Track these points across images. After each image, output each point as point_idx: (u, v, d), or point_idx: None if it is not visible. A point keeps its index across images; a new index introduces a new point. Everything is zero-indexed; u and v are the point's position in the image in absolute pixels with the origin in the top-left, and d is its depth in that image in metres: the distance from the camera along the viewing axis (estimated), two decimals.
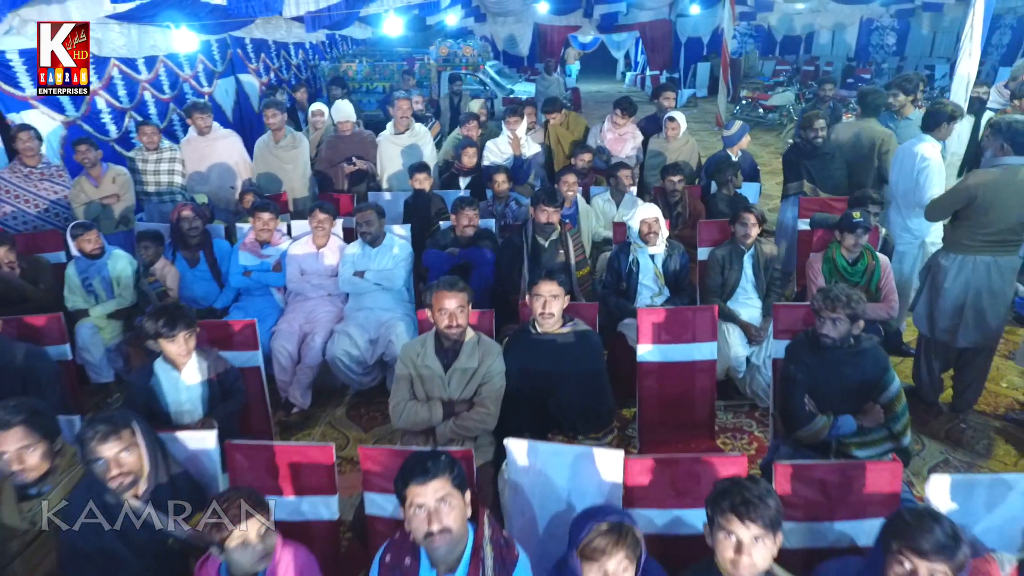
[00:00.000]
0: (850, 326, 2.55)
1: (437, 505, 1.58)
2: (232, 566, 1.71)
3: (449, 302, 2.56)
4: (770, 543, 1.53)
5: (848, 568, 1.63)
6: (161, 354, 2.58)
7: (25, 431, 1.96)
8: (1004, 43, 13.87)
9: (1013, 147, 3.08)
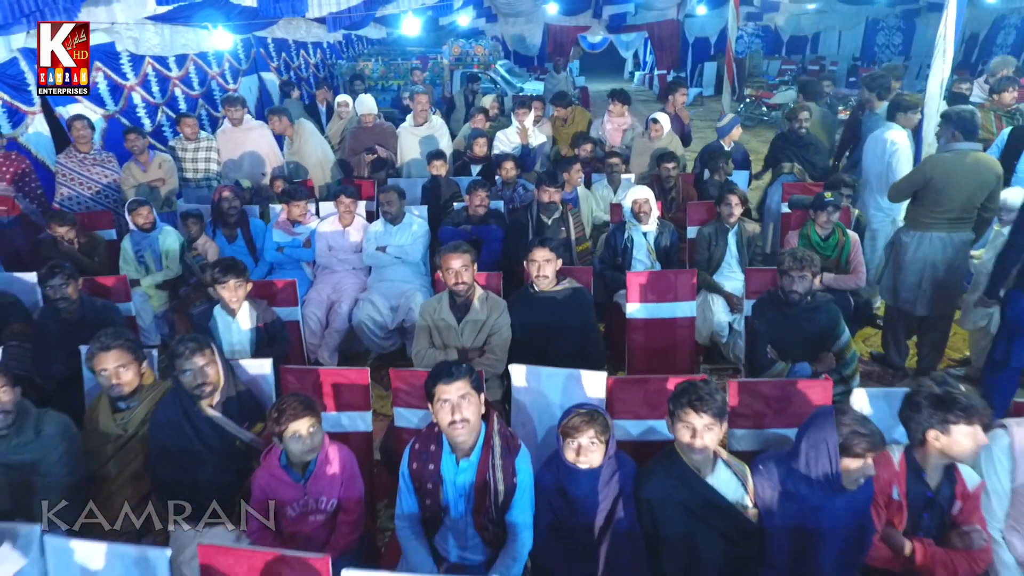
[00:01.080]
0: (811, 283, 3.00)
1: (459, 400, 2.04)
2: (289, 455, 2.17)
3: (455, 262, 3.03)
4: (717, 430, 1.98)
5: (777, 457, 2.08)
6: (220, 301, 3.07)
7: (121, 352, 2.45)
8: (1008, 43, 14.12)
9: (963, 134, 3.51)
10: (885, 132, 4.20)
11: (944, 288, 3.71)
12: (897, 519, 2.03)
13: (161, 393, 2.54)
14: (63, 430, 2.40)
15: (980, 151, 3.52)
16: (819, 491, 1.93)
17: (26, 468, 2.31)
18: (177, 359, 2.32)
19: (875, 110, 4.87)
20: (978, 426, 1.85)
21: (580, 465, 2.00)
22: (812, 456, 1.90)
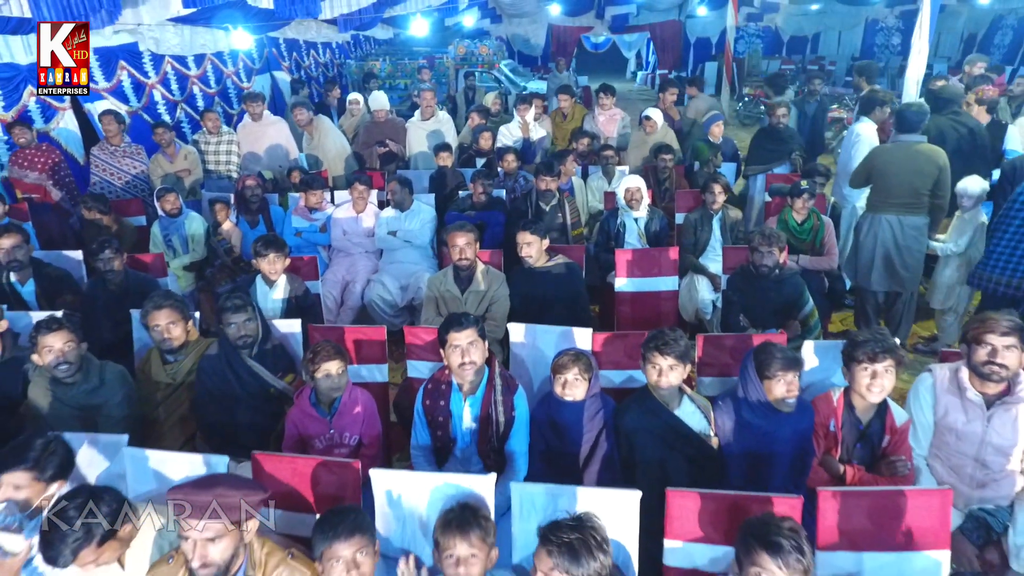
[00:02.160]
0: (777, 258, 3.38)
1: (468, 346, 2.42)
2: (318, 392, 2.56)
3: (460, 239, 3.43)
4: (680, 370, 2.37)
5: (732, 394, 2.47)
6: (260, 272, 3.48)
7: (171, 311, 2.85)
8: (1005, 43, 14.51)
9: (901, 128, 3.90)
10: (855, 125, 4.59)
11: (896, 267, 4.07)
12: (834, 448, 2.41)
13: (204, 348, 2.93)
14: (122, 378, 2.80)
15: (924, 143, 3.89)
16: (765, 418, 2.31)
17: (92, 409, 2.71)
18: (224, 313, 2.73)
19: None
20: (877, 365, 2.23)
21: (566, 397, 2.39)
22: (745, 382, 2.31)
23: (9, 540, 1.90)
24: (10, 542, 1.90)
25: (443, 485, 1.95)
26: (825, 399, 2.45)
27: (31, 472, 1.92)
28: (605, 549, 1.61)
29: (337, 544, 1.71)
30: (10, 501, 1.91)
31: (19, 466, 1.92)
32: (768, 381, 2.28)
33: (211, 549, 1.64)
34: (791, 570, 1.56)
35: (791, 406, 2.28)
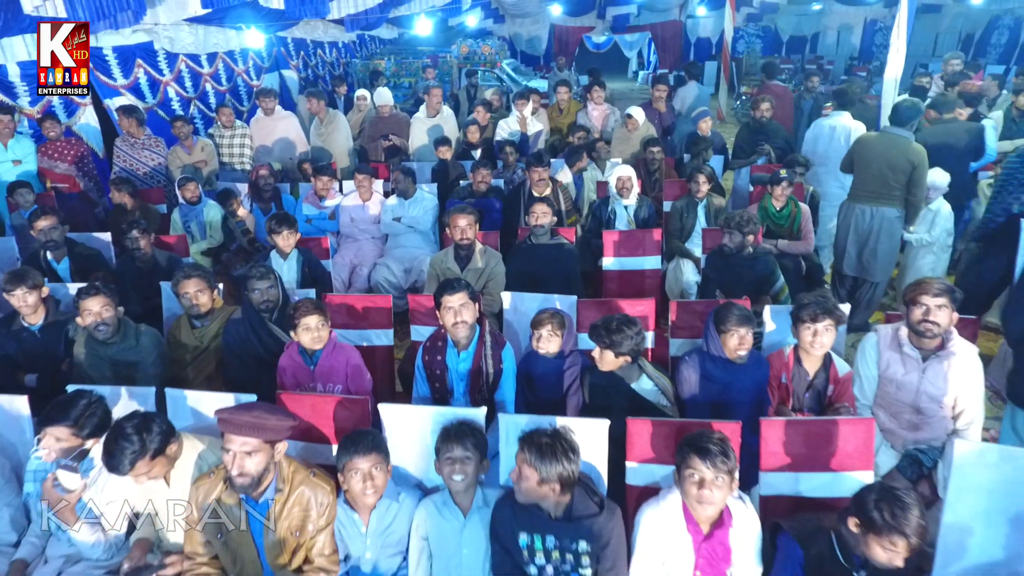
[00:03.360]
0: (743, 239, 3.70)
1: (460, 308, 2.76)
2: (301, 342, 2.86)
3: (461, 221, 3.77)
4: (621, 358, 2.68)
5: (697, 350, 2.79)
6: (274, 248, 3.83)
7: (199, 280, 3.20)
8: (1002, 43, 14.78)
9: (892, 121, 4.22)
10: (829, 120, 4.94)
11: (866, 254, 4.38)
12: (786, 398, 2.74)
13: (227, 314, 3.28)
14: (155, 339, 3.16)
15: (905, 138, 4.15)
16: (724, 370, 2.65)
17: (129, 366, 3.06)
18: (249, 280, 3.08)
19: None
20: (818, 324, 2.56)
21: (540, 351, 2.74)
22: (707, 338, 2.64)
23: (67, 478, 2.24)
24: (68, 480, 2.24)
25: (442, 415, 2.29)
26: (778, 355, 2.78)
27: (71, 428, 2.24)
28: (571, 457, 1.95)
29: (357, 458, 2.06)
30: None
31: (62, 422, 2.24)
32: (724, 335, 2.61)
33: (247, 462, 1.98)
34: (717, 470, 1.89)
35: (743, 358, 2.62)
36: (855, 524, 1.83)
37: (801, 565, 1.95)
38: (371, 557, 2.18)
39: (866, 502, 1.79)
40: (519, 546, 2.04)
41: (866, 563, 1.87)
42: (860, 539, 1.82)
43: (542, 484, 1.92)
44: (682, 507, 2.01)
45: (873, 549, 1.78)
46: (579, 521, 2.00)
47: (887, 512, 1.73)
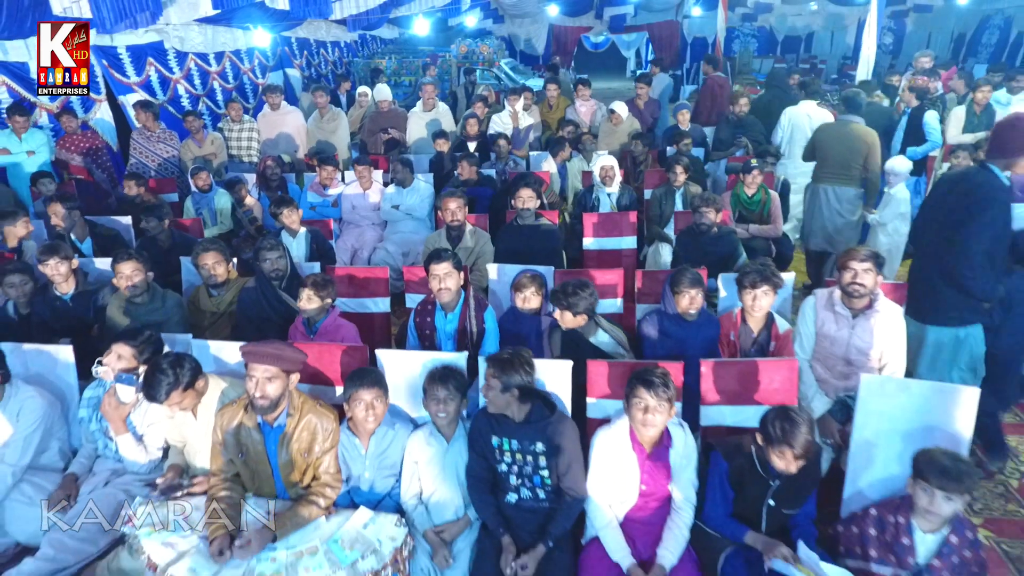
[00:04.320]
0: (714, 218, 4.11)
1: (444, 275, 3.17)
2: (304, 314, 3.27)
3: (451, 204, 4.19)
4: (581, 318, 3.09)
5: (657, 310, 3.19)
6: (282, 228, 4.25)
7: (217, 253, 3.62)
8: (992, 42, 15.16)
9: (847, 108, 4.64)
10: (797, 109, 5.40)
11: (830, 230, 4.82)
12: (734, 352, 3.14)
13: (241, 284, 3.70)
14: (179, 303, 3.58)
15: (860, 123, 4.63)
16: (678, 326, 3.05)
17: (155, 326, 3.44)
18: (261, 251, 3.50)
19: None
20: (758, 290, 2.96)
21: (524, 309, 3.15)
22: (664, 299, 3.05)
23: (124, 391, 2.66)
24: (125, 392, 2.66)
25: (430, 360, 2.70)
26: (727, 317, 3.19)
27: (135, 349, 2.69)
28: (527, 370, 2.38)
29: (361, 390, 2.47)
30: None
31: (129, 341, 2.69)
32: (677, 295, 3.02)
33: (268, 387, 2.39)
34: (659, 398, 2.29)
35: (694, 316, 3.03)
36: (760, 438, 2.24)
37: (726, 475, 2.35)
38: (369, 477, 2.59)
39: (766, 420, 2.20)
40: (492, 447, 2.46)
41: (780, 475, 2.28)
42: (765, 451, 2.23)
43: (505, 391, 2.34)
44: (629, 431, 2.42)
45: (773, 458, 2.19)
46: (536, 424, 2.42)
47: (779, 428, 2.14)
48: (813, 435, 2.16)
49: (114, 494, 2.68)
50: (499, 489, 2.52)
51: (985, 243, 2.84)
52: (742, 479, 2.35)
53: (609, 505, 2.45)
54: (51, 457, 2.85)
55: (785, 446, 2.13)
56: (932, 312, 3.08)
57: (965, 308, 2.99)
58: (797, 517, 2.38)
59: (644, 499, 2.43)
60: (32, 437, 2.73)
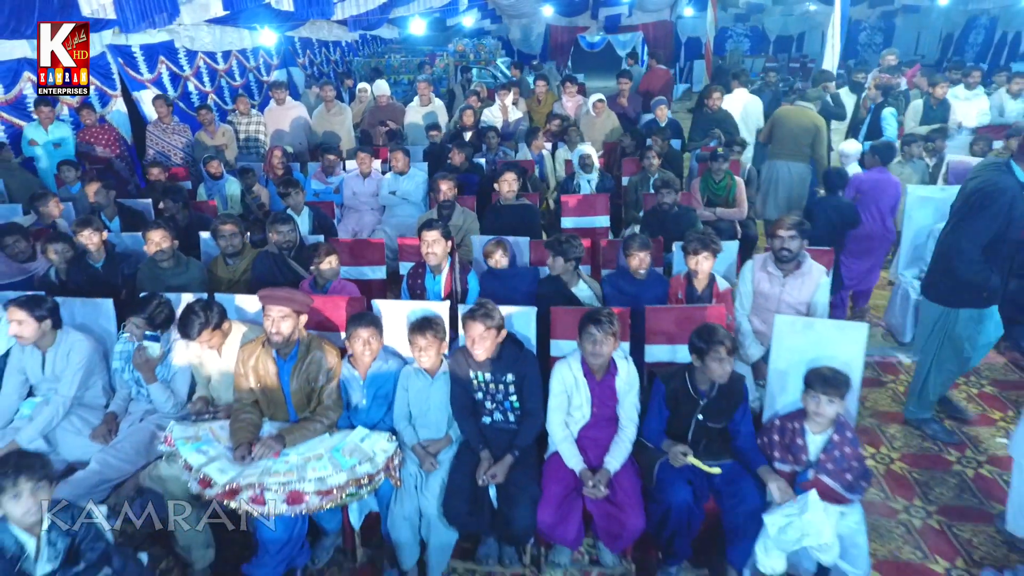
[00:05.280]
0: (676, 197, 4.65)
1: (432, 242, 3.71)
2: (317, 276, 3.81)
3: (443, 185, 4.72)
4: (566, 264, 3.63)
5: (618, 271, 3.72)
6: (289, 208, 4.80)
7: (233, 226, 4.15)
8: (978, 42, 15.67)
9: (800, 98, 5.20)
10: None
11: (782, 202, 5.42)
12: None
13: (254, 255, 4.23)
14: (200, 268, 4.12)
15: (811, 108, 5.24)
16: (631, 284, 3.59)
17: (179, 288, 4.00)
18: (274, 224, 4.04)
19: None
20: (699, 255, 3.49)
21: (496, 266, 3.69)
22: (619, 260, 3.59)
23: (151, 347, 3.18)
24: (151, 348, 3.19)
25: (417, 309, 3.23)
26: (676, 278, 3.73)
27: (146, 319, 3.21)
28: (496, 317, 2.88)
29: (360, 328, 3.00)
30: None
31: (140, 314, 3.22)
32: (628, 257, 3.55)
33: (282, 325, 2.92)
34: (605, 332, 2.81)
35: (643, 276, 3.58)
36: (694, 358, 2.76)
37: (664, 396, 2.88)
38: (365, 404, 3.12)
39: (692, 339, 2.73)
40: (469, 379, 2.98)
41: (707, 393, 2.80)
42: (702, 369, 2.75)
43: (488, 329, 2.86)
44: (582, 361, 2.94)
45: (710, 368, 2.70)
46: (507, 360, 2.95)
47: (703, 336, 2.67)
48: (731, 340, 2.69)
49: (149, 427, 3.21)
50: (477, 413, 3.05)
51: (982, 237, 3.12)
52: (677, 399, 2.87)
53: (565, 424, 2.97)
54: (95, 394, 3.38)
55: (715, 344, 2.65)
56: (930, 288, 3.57)
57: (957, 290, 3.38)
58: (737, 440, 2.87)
59: (595, 418, 2.95)
60: (80, 373, 3.26)
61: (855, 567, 2.62)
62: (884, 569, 2.99)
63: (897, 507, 3.35)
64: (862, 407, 4.15)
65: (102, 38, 7.41)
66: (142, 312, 3.26)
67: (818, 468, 2.64)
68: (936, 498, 3.39)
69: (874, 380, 4.44)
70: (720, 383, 2.77)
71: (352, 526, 3.03)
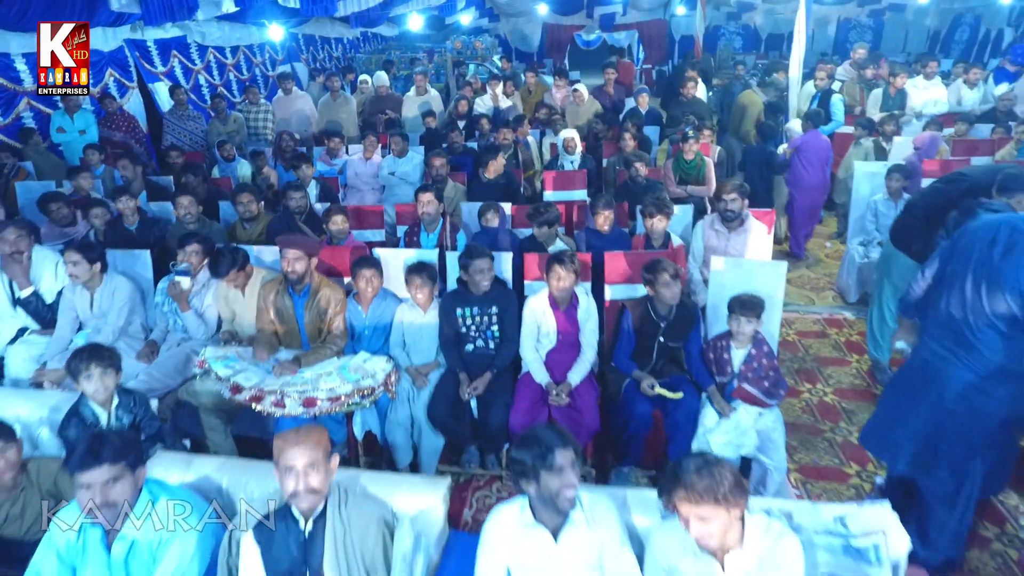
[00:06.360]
0: (644, 171, 5.27)
1: (427, 202, 4.33)
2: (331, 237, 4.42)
3: (436, 161, 5.35)
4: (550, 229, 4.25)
5: (587, 228, 4.33)
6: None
7: (249, 193, 4.78)
8: (964, 39, 16.28)
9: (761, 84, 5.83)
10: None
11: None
12: None
13: (267, 220, 4.85)
14: (221, 229, 4.75)
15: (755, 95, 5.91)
16: (598, 239, 4.20)
17: None
18: (289, 190, 4.67)
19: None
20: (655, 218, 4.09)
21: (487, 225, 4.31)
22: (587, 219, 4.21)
23: (183, 280, 3.80)
24: (184, 281, 3.80)
25: (413, 256, 3.84)
26: (637, 237, 4.34)
27: (200, 245, 3.84)
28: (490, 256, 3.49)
29: (363, 269, 3.61)
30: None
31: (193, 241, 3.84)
32: (595, 215, 4.17)
33: (296, 264, 3.53)
34: (567, 269, 3.41)
35: (607, 231, 4.19)
36: (648, 288, 3.36)
37: (631, 323, 3.47)
38: (368, 334, 3.73)
39: (642, 273, 3.33)
40: (456, 316, 3.59)
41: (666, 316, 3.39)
42: (657, 296, 3.33)
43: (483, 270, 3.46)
44: (549, 295, 3.55)
45: (661, 293, 3.29)
46: (492, 295, 3.56)
47: (650, 268, 3.28)
48: (674, 267, 3.28)
49: (185, 351, 3.83)
50: (461, 343, 3.65)
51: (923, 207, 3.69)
52: (641, 324, 3.45)
53: (535, 348, 3.58)
54: (135, 330, 3.99)
55: (660, 271, 3.25)
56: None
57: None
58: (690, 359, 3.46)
59: (560, 344, 3.55)
60: (124, 309, 3.87)
61: (771, 459, 3.22)
62: (805, 472, 3.60)
63: (824, 428, 3.96)
64: (806, 353, 4.76)
65: (117, 33, 8.05)
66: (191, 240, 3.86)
67: (740, 377, 3.24)
68: (859, 421, 3.99)
69: (820, 332, 5.05)
70: (674, 305, 3.36)
71: (356, 438, 3.63)
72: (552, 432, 2.04)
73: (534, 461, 1.96)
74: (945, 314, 2.71)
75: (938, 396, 2.71)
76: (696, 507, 1.81)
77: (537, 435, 2.03)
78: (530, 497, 2.07)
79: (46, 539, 2.15)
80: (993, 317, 2.51)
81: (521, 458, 1.99)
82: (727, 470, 1.84)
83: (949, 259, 2.72)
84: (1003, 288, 2.45)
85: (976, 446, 2.72)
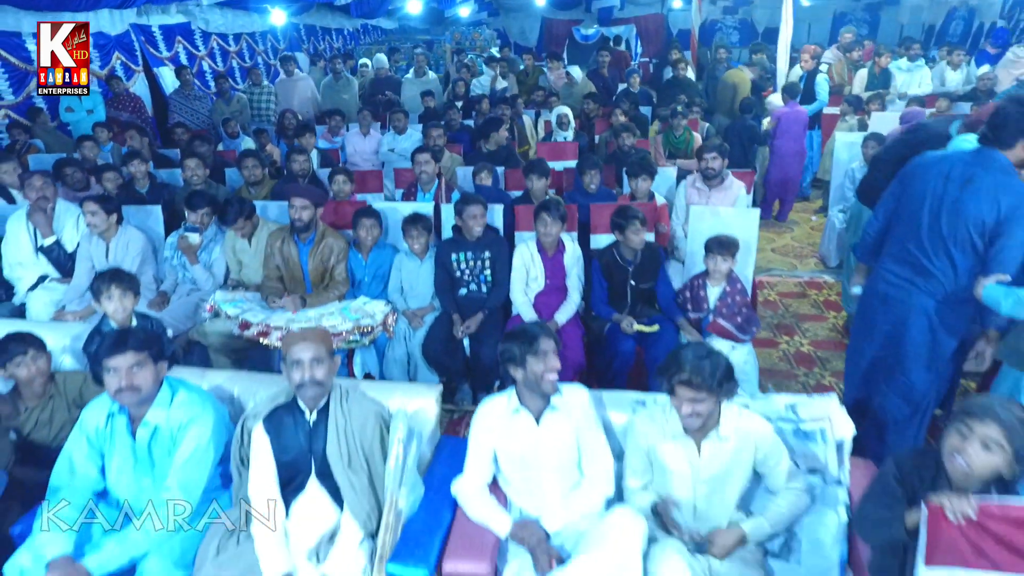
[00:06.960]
0: (633, 141, 5.53)
1: (424, 163, 4.61)
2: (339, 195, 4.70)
3: (433, 132, 5.63)
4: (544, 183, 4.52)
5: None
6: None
7: (255, 159, 5.04)
8: (958, 32, 16.56)
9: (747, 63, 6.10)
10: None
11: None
12: None
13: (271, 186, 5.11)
14: (226, 190, 5.01)
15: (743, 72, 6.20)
16: (585, 197, 4.47)
17: None
18: (293, 154, 4.96)
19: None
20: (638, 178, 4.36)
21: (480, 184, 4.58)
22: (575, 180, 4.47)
23: (192, 236, 4.06)
24: (192, 237, 4.06)
25: (409, 210, 4.10)
26: (623, 197, 4.61)
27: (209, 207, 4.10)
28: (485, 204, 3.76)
29: (364, 219, 3.88)
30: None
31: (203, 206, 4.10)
32: (582, 175, 4.44)
33: (303, 212, 3.79)
34: (553, 217, 3.67)
35: (594, 190, 4.46)
36: (616, 234, 3.62)
37: (600, 270, 3.73)
38: (368, 280, 3.99)
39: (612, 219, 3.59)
40: (451, 261, 3.85)
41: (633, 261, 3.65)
42: (624, 242, 3.60)
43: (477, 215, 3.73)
44: (537, 241, 3.81)
45: (629, 239, 3.55)
46: (485, 241, 3.82)
47: (621, 214, 3.54)
48: (643, 216, 3.54)
49: (194, 299, 4.09)
50: (455, 287, 3.91)
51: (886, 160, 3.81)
52: (611, 271, 3.72)
53: (524, 292, 3.84)
54: (147, 280, 4.23)
55: (631, 219, 3.50)
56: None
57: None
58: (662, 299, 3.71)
59: (547, 287, 3.82)
60: (137, 259, 4.13)
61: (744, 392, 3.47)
62: None
63: (798, 373, 4.22)
64: (786, 311, 5.02)
65: (123, 16, 8.32)
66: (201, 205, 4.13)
67: (715, 312, 3.50)
68: (832, 368, 4.24)
69: (800, 294, 5.31)
70: (640, 250, 3.62)
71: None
72: (537, 326, 2.30)
73: (521, 347, 2.22)
74: (902, 248, 2.94)
75: (900, 323, 2.92)
76: (693, 391, 2.05)
77: (525, 328, 2.29)
78: (517, 384, 2.32)
79: (77, 426, 2.40)
80: (951, 246, 2.70)
81: (509, 346, 2.25)
82: (723, 361, 2.09)
83: (900, 196, 2.95)
84: (965, 218, 2.63)
85: (932, 370, 2.95)
